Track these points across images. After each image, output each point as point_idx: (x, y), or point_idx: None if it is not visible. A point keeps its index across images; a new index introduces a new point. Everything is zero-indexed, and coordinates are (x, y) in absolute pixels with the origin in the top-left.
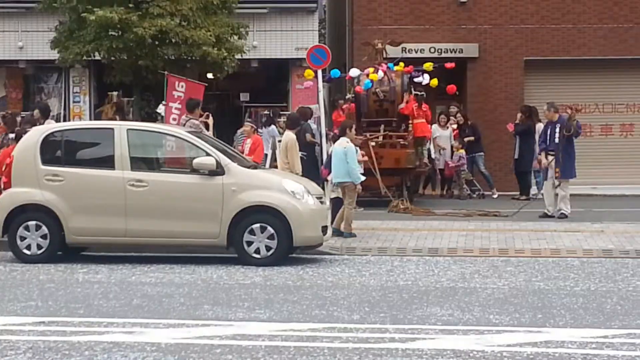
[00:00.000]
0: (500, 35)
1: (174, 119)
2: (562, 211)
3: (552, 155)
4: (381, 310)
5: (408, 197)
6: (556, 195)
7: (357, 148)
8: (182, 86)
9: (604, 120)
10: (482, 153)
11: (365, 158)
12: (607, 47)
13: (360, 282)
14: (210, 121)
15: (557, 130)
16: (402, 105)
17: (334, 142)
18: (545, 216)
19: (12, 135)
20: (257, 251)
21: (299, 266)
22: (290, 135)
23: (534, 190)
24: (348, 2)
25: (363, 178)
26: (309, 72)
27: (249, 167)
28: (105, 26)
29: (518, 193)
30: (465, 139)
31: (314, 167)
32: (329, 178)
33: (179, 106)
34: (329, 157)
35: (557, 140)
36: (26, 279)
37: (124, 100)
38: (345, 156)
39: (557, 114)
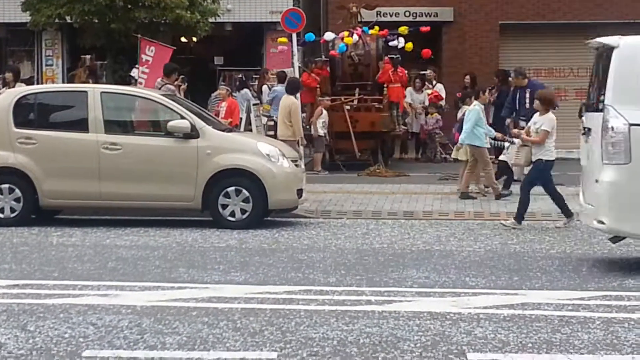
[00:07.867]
0: None
1: (140, 83)
2: None
3: (523, 120)
4: (357, 273)
5: (383, 161)
6: None
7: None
8: (151, 50)
9: (579, 84)
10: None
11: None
12: (583, 11)
13: (336, 245)
14: (184, 87)
15: (527, 95)
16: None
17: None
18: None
19: None
20: (232, 214)
21: (274, 229)
22: (292, 99)
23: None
24: None
25: (484, 143)
26: (283, 40)
27: (223, 130)
28: None
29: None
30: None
31: None
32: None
33: (147, 70)
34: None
35: (527, 105)
36: (0, 242)
37: (97, 63)
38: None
39: (526, 79)
